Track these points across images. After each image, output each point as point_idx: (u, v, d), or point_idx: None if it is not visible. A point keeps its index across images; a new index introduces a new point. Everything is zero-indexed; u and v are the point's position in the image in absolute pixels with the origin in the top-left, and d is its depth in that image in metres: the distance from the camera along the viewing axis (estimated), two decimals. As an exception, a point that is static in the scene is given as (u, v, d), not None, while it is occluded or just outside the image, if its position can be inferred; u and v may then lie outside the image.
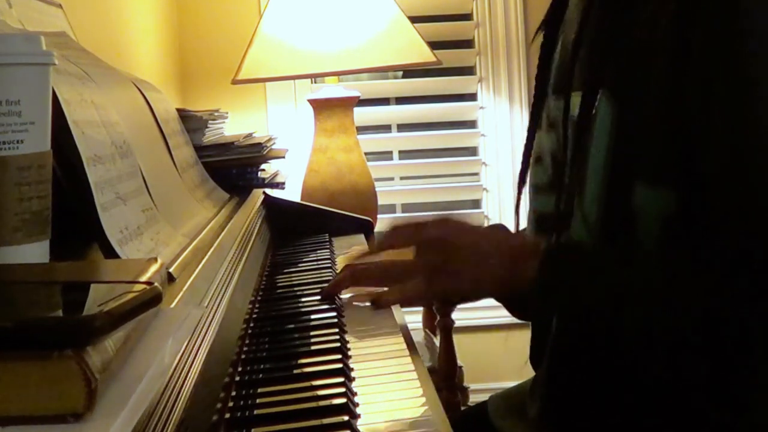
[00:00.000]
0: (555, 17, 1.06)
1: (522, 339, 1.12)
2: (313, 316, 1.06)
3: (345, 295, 1.17)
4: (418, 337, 2.24)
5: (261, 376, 0.88)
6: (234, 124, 1.94)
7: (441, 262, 0.96)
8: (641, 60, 0.87)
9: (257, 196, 1.45)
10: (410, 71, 2.62)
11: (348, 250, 1.46)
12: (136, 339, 0.53)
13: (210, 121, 1.49)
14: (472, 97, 2.67)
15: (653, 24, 0.86)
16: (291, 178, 1.86)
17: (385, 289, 1.06)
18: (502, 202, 2.58)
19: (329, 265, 1.30)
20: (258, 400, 0.80)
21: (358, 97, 2.14)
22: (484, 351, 2.54)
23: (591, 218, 0.91)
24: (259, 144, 1.52)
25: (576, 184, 0.93)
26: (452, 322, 2.00)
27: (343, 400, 0.77)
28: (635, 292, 0.86)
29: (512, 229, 1.09)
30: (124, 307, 0.47)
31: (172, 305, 0.67)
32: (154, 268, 0.57)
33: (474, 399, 1.90)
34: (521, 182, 1.07)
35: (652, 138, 0.86)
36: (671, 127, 0.84)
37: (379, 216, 2.13)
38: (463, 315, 2.23)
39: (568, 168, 0.95)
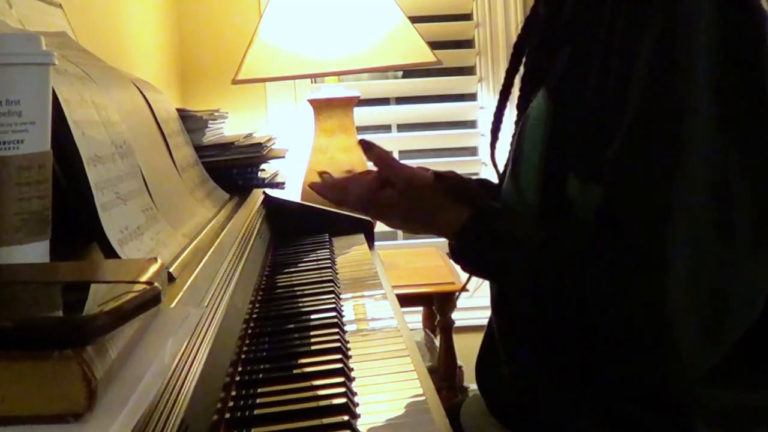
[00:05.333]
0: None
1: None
2: (313, 316, 1.06)
3: (345, 294, 1.17)
4: (418, 337, 2.24)
5: (261, 376, 0.88)
6: (234, 124, 1.94)
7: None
8: (578, 64, 0.91)
9: (257, 196, 1.45)
10: (410, 71, 2.62)
11: (348, 250, 1.46)
12: (136, 339, 0.53)
13: (210, 121, 1.49)
14: (472, 97, 2.67)
15: (593, 31, 0.89)
16: (291, 178, 1.86)
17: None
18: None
19: (329, 265, 1.30)
20: (258, 400, 0.80)
21: (358, 97, 2.14)
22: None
23: (531, 205, 0.97)
24: (259, 144, 1.52)
25: (512, 172, 1.02)
26: (452, 322, 2.00)
27: (343, 400, 0.77)
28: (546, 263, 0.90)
29: None
30: (124, 307, 0.47)
31: (172, 305, 0.67)
32: (154, 268, 0.57)
33: (474, 399, 1.89)
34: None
35: (581, 138, 0.89)
36: (599, 129, 0.87)
37: (379, 216, 2.13)
38: (463, 315, 2.23)
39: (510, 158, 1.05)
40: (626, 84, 0.84)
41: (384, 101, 2.70)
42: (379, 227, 1.92)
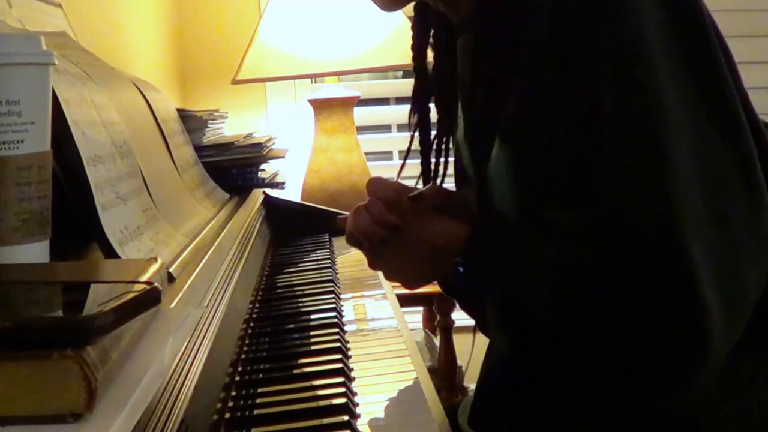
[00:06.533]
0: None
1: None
2: (313, 316, 1.06)
3: (345, 294, 1.17)
4: (418, 337, 2.24)
5: (261, 376, 0.88)
6: (234, 124, 1.94)
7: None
8: (529, 104, 0.88)
9: (257, 196, 1.45)
10: (410, 71, 2.62)
11: (348, 250, 1.46)
12: (136, 339, 0.53)
13: (210, 121, 1.49)
14: (472, 97, 2.66)
15: (536, 69, 0.87)
16: (291, 178, 1.86)
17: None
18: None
19: (329, 265, 1.30)
20: (258, 400, 0.80)
21: (358, 97, 2.14)
22: (484, 351, 2.54)
23: None
24: (259, 144, 1.52)
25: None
26: (452, 322, 2.00)
27: (343, 400, 0.77)
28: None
29: None
30: (124, 307, 0.47)
31: (172, 305, 0.67)
32: (154, 268, 0.57)
33: (474, 399, 1.89)
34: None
35: (547, 175, 0.87)
36: (564, 163, 0.85)
37: (379, 216, 2.13)
38: (463, 315, 2.23)
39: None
40: (593, 111, 0.82)
41: (384, 101, 2.70)
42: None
